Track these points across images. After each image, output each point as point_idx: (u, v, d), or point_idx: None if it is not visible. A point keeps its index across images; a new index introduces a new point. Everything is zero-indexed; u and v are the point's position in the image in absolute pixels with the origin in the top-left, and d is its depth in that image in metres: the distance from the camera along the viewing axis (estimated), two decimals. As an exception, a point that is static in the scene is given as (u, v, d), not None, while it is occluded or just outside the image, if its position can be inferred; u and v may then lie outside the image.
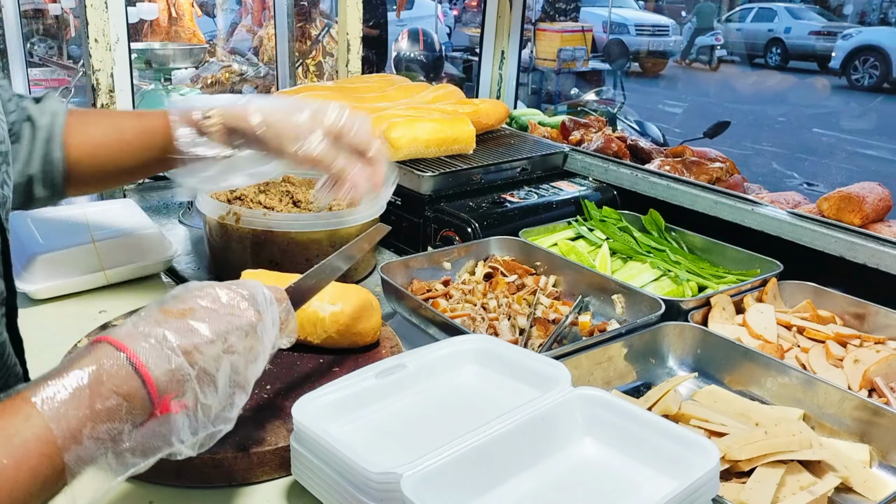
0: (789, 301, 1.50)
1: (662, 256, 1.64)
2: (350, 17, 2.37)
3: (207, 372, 0.74)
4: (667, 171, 1.96)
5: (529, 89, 8.81)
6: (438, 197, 1.77)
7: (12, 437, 0.62)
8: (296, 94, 2.07)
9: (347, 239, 1.60)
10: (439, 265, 1.58)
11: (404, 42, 7.38)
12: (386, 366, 1.07)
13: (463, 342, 1.15)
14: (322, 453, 0.91)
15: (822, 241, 1.57)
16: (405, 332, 1.40)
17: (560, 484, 0.91)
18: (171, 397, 0.72)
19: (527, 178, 1.97)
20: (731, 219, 1.73)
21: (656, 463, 0.91)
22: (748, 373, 1.25)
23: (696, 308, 1.41)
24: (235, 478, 1.01)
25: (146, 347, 0.71)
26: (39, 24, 5.75)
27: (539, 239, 1.71)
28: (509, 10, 2.67)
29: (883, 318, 1.39)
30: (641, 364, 1.32)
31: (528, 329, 1.37)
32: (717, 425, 1.10)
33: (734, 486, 0.99)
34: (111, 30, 1.87)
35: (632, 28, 14.77)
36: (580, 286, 1.51)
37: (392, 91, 2.19)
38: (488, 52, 2.76)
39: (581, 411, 0.98)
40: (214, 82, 4.85)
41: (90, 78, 1.91)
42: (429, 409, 1.04)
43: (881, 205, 1.68)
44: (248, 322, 0.80)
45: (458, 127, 1.89)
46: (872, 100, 11.82)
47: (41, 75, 4.24)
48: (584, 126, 2.37)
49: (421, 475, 0.82)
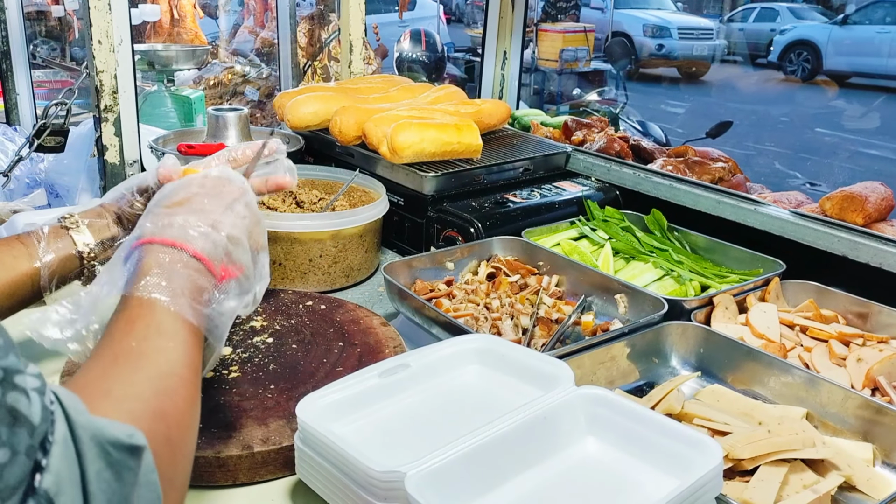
0: (792, 300, 1.50)
1: (665, 256, 1.64)
2: (352, 17, 2.37)
3: (234, 237, 0.85)
4: (669, 171, 1.96)
5: (532, 90, 8.80)
6: (441, 197, 1.77)
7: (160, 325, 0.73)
8: (299, 94, 2.07)
9: (350, 238, 1.61)
10: (442, 265, 1.59)
11: (406, 43, 7.37)
12: (389, 365, 1.07)
13: (466, 342, 1.15)
14: (326, 452, 0.91)
15: (824, 240, 1.57)
16: (408, 331, 1.40)
17: (563, 483, 0.92)
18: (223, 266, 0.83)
19: (529, 178, 1.97)
20: (734, 218, 1.73)
21: (659, 462, 0.92)
22: (751, 372, 1.26)
23: (699, 308, 1.41)
24: (240, 477, 1.01)
25: (180, 234, 0.80)
26: (42, 25, 5.76)
27: (542, 239, 1.71)
28: (511, 11, 2.67)
29: (886, 317, 1.39)
30: (644, 363, 1.32)
31: (531, 329, 1.37)
32: (720, 424, 1.10)
33: (737, 484, 0.99)
34: (115, 31, 1.87)
35: (674, 31, 13.83)
36: (583, 286, 1.51)
37: (394, 92, 2.19)
38: (490, 53, 2.76)
39: (584, 410, 0.98)
40: (217, 83, 4.86)
41: (94, 79, 1.92)
42: (432, 409, 1.05)
43: (884, 204, 1.68)
44: (241, 191, 0.90)
45: (465, 136, 1.85)
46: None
47: (44, 77, 4.25)
48: (587, 126, 2.37)
49: (425, 474, 0.83)
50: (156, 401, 0.67)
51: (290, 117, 2.03)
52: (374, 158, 1.88)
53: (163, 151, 1.97)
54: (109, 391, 0.66)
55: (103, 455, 0.52)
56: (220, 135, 2.02)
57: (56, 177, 2.33)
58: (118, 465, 0.53)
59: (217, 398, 1.11)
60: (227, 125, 2.03)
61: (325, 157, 2.07)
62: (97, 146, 2.01)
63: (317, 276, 1.59)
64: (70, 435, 0.50)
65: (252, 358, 1.23)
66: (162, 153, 1.98)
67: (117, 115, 1.96)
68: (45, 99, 3.38)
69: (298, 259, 1.57)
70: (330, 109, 1.98)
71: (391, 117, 1.85)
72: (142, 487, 0.55)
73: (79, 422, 0.51)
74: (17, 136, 2.82)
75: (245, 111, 2.06)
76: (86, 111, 2.77)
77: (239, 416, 1.07)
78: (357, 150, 1.93)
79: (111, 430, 0.54)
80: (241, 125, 2.04)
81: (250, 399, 1.12)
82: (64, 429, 0.49)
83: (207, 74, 4.83)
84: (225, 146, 1.98)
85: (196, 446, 0.99)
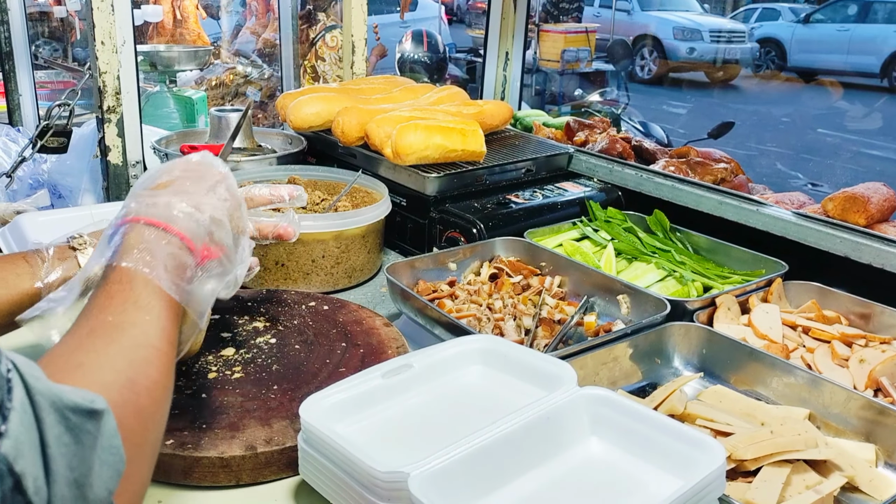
0: (794, 301, 1.50)
1: (667, 257, 1.65)
2: (355, 18, 2.38)
3: (216, 218, 0.87)
4: (671, 171, 1.96)
5: (533, 90, 8.80)
6: (443, 198, 1.77)
7: (138, 299, 0.76)
8: (301, 95, 2.07)
9: (353, 239, 1.61)
10: (444, 266, 1.59)
11: (408, 43, 7.37)
12: (392, 366, 1.07)
13: (469, 342, 1.15)
14: (329, 453, 0.91)
15: (827, 241, 1.57)
16: (411, 332, 1.40)
17: (566, 483, 0.92)
18: (205, 246, 0.85)
19: (532, 178, 1.97)
20: (736, 219, 1.73)
21: (662, 462, 0.92)
22: (753, 373, 1.26)
23: (702, 308, 1.41)
24: (243, 477, 1.02)
25: (164, 214, 0.83)
26: (45, 26, 5.77)
27: (544, 239, 1.71)
28: (513, 12, 2.67)
29: (888, 318, 1.39)
30: (647, 364, 1.32)
31: (533, 329, 1.37)
32: (722, 425, 1.10)
33: (740, 485, 0.99)
34: (117, 32, 1.88)
35: (706, 34, 13.39)
36: (585, 286, 1.52)
37: (397, 92, 2.19)
38: (492, 54, 2.77)
39: (587, 411, 0.98)
40: (219, 84, 4.87)
41: (97, 80, 1.92)
42: (435, 409, 1.05)
43: (886, 205, 1.68)
44: (221, 175, 0.93)
45: (470, 142, 1.85)
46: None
47: (46, 78, 4.25)
48: (589, 127, 2.37)
49: (428, 474, 0.83)
50: (129, 370, 0.70)
51: (293, 118, 2.03)
52: (376, 159, 1.88)
53: (165, 152, 1.98)
54: (82, 363, 0.68)
55: (62, 420, 0.53)
56: (222, 135, 2.03)
57: (59, 177, 2.34)
58: (77, 429, 0.54)
59: (220, 399, 1.12)
60: (230, 126, 2.03)
61: (327, 157, 2.07)
62: (100, 147, 2.02)
63: (319, 276, 1.60)
64: (28, 401, 0.50)
65: (255, 359, 1.23)
66: (165, 154, 1.98)
67: (120, 115, 1.97)
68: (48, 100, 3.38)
69: (301, 260, 1.57)
70: (332, 110, 1.99)
71: (394, 118, 1.85)
72: (104, 451, 0.57)
73: (37, 388, 0.51)
74: (19, 137, 2.82)
75: (247, 112, 2.06)
76: (88, 112, 2.78)
77: (242, 417, 1.08)
78: (359, 150, 1.94)
79: (70, 395, 0.55)
80: (244, 126, 2.04)
81: (253, 399, 1.12)
82: (22, 395, 0.50)
83: (209, 75, 4.84)
84: (227, 147, 1.99)
85: (199, 447, 1.00)
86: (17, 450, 0.48)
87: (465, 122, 1.89)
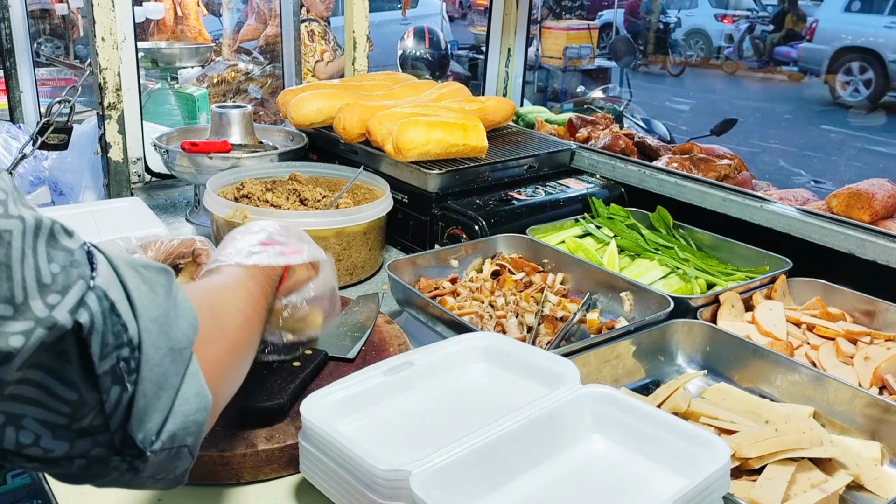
0: (798, 298, 1.49)
1: (671, 254, 1.64)
2: (356, 14, 2.37)
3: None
4: (674, 168, 1.95)
5: (535, 87, 8.78)
6: (445, 195, 1.77)
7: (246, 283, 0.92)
8: (303, 92, 2.07)
9: (354, 236, 1.61)
10: (447, 263, 1.58)
11: (410, 40, 7.36)
12: (394, 363, 1.06)
13: (471, 340, 1.14)
14: (330, 451, 0.91)
15: (831, 237, 1.56)
16: (413, 329, 1.39)
17: (569, 481, 0.91)
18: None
19: (534, 175, 1.96)
20: (740, 216, 1.72)
21: (666, 460, 0.91)
22: (758, 370, 1.25)
23: (705, 305, 1.40)
24: (244, 475, 1.01)
25: None
26: (46, 23, 5.76)
27: (546, 236, 1.70)
28: (515, 8, 2.66)
29: (893, 314, 1.38)
30: (650, 361, 1.31)
31: (535, 327, 1.36)
32: (726, 423, 1.09)
33: (745, 483, 0.99)
34: (118, 29, 1.87)
35: None
36: (588, 284, 1.51)
37: (398, 89, 2.18)
38: (494, 50, 2.76)
39: (590, 408, 0.98)
40: (220, 81, 4.86)
41: (97, 77, 1.92)
42: (437, 407, 1.04)
43: (891, 201, 1.67)
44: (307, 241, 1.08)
45: (472, 137, 1.83)
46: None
47: (48, 75, 4.24)
48: (591, 123, 2.36)
49: (429, 472, 0.82)
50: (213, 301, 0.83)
51: (294, 115, 2.02)
52: (378, 156, 1.87)
53: (166, 149, 1.97)
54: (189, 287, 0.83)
55: (137, 273, 0.65)
56: (223, 132, 2.02)
57: (60, 174, 2.33)
58: (150, 281, 0.65)
59: (221, 396, 1.11)
60: (231, 123, 2.02)
61: (328, 154, 2.07)
62: (101, 144, 2.01)
63: (321, 273, 1.59)
64: (107, 261, 0.62)
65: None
66: (166, 151, 1.97)
67: (121, 112, 1.96)
68: (49, 97, 3.37)
69: (302, 257, 1.57)
70: (334, 107, 1.98)
71: (395, 114, 1.84)
72: (177, 305, 0.67)
73: (112, 253, 0.64)
74: (20, 134, 2.81)
75: (249, 108, 2.06)
76: (89, 109, 2.77)
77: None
78: (361, 147, 1.93)
79: (141, 259, 0.68)
80: (245, 123, 2.04)
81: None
82: (102, 257, 0.62)
83: (211, 72, 4.83)
84: (228, 144, 1.99)
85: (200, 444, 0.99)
86: (108, 285, 0.60)
87: (467, 118, 1.88)
